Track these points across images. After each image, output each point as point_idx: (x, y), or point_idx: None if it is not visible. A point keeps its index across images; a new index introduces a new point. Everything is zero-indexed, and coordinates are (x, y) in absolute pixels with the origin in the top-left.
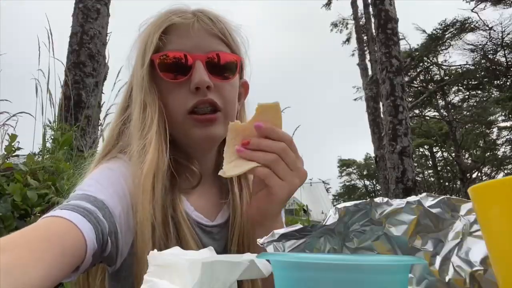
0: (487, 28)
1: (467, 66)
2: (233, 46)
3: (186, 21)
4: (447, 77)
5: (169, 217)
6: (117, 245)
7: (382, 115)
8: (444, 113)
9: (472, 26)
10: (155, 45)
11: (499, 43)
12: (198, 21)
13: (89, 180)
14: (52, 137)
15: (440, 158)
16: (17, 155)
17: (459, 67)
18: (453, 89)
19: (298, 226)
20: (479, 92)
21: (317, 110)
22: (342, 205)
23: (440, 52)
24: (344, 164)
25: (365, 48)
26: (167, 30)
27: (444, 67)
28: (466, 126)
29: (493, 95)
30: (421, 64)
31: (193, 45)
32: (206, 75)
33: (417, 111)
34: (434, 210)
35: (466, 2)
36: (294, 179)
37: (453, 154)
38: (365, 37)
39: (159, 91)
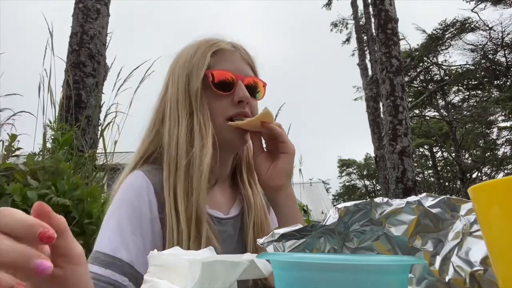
0: (487, 28)
1: (467, 66)
2: (257, 73)
3: (231, 48)
4: (447, 77)
5: (194, 214)
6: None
7: (382, 115)
8: (444, 113)
9: (472, 26)
10: (207, 63)
11: (499, 43)
12: (238, 50)
13: (105, 230)
14: (52, 137)
15: (440, 158)
16: (17, 155)
17: (459, 67)
18: (453, 89)
19: (298, 226)
20: (479, 92)
21: (317, 110)
22: (342, 205)
23: (440, 52)
24: (344, 164)
25: (365, 48)
26: (215, 53)
27: (444, 67)
28: (466, 126)
29: (493, 95)
30: (421, 64)
31: (235, 68)
32: (247, 92)
33: (417, 111)
34: (434, 210)
35: (466, 2)
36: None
37: (453, 154)
38: (365, 37)
39: (205, 99)
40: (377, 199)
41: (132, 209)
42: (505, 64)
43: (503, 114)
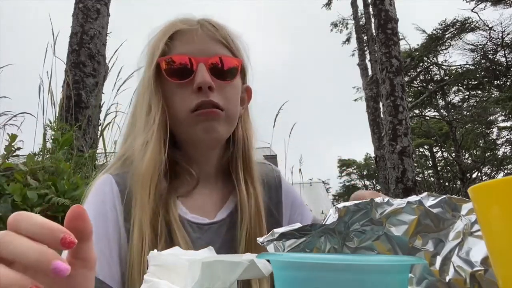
0: (487, 28)
1: (467, 66)
2: (235, 51)
3: (191, 27)
4: (447, 77)
5: (161, 219)
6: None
7: (382, 115)
8: (444, 113)
9: (472, 26)
10: (161, 49)
11: (499, 43)
12: (202, 28)
13: None
14: (52, 137)
15: (440, 158)
16: (17, 155)
17: (459, 67)
18: (453, 89)
19: (298, 225)
20: (479, 92)
21: (317, 110)
22: (342, 204)
23: (440, 52)
24: (344, 164)
25: (365, 48)
26: (173, 36)
27: (444, 67)
28: (466, 126)
29: (493, 95)
30: (421, 64)
31: (197, 50)
32: (208, 76)
33: (417, 111)
34: (434, 210)
35: (466, 2)
36: None
37: (453, 154)
38: (365, 37)
39: (164, 93)
40: (378, 199)
41: (98, 214)
42: (505, 64)
43: (503, 114)
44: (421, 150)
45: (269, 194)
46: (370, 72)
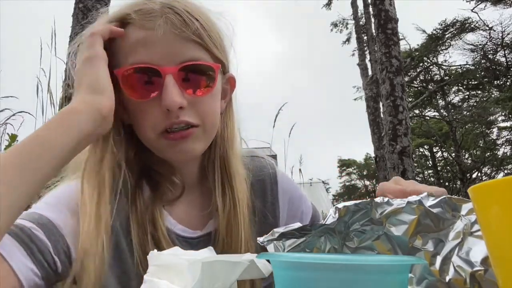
0: (487, 28)
1: (467, 66)
2: (212, 47)
3: (151, 22)
4: (447, 77)
5: (149, 235)
6: (71, 262)
7: (382, 115)
8: (444, 113)
9: (472, 26)
10: (104, 53)
11: (499, 43)
12: (166, 22)
13: (37, 204)
14: None
15: (440, 158)
16: None
17: (459, 67)
18: (453, 89)
19: (298, 225)
20: (479, 92)
21: (317, 109)
22: (342, 204)
23: (440, 52)
24: (344, 164)
25: (365, 48)
26: (126, 32)
27: (444, 67)
28: (466, 126)
29: (493, 95)
30: (421, 64)
31: (162, 55)
32: (178, 93)
33: (417, 111)
34: (434, 210)
35: (466, 2)
36: None
37: (453, 154)
38: (365, 37)
39: (127, 109)
40: (378, 199)
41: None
42: (505, 64)
43: (503, 114)
44: (421, 150)
45: (261, 193)
46: (370, 72)
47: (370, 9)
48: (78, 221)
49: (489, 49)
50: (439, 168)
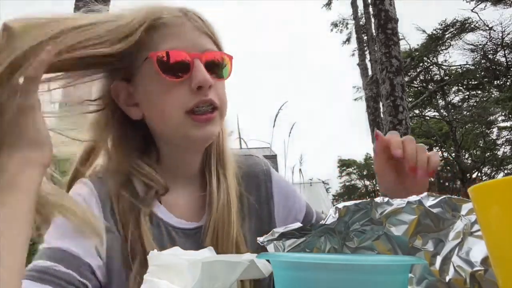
0: (487, 28)
1: (467, 66)
2: (220, 44)
3: (178, 19)
4: (447, 77)
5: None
6: (105, 275)
7: (382, 115)
8: (444, 113)
9: (472, 26)
10: (145, 41)
11: (499, 43)
12: (189, 20)
13: (47, 236)
14: None
15: (440, 158)
16: None
17: (459, 67)
18: (453, 89)
19: (298, 225)
20: (479, 92)
21: (317, 110)
22: (342, 204)
23: (440, 52)
24: (344, 164)
25: (365, 48)
26: (155, 27)
27: (444, 67)
28: (466, 126)
29: (493, 95)
30: (421, 64)
31: (189, 44)
32: (207, 74)
33: (417, 111)
34: (434, 210)
35: (466, 2)
36: None
37: (453, 154)
38: (365, 37)
39: (147, 91)
40: (378, 199)
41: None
42: (505, 64)
43: (503, 114)
44: None
45: (256, 187)
46: (370, 72)
47: (370, 9)
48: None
49: (489, 49)
50: (439, 168)
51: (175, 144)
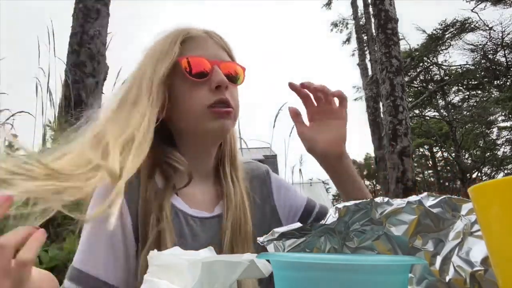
0: (487, 28)
1: (467, 66)
2: (234, 58)
3: (202, 35)
4: (447, 77)
5: (153, 217)
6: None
7: (382, 115)
8: (444, 113)
9: (472, 26)
10: (178, 49)
11: (499, 43)
12: (210, 37)
13: (76, 256)
14: (52, 137)
15: (440, 158)
16: None
17: (459, 67)
18: (453, 89)
19: (298, 224)
20: (479, 92)
21: None
22: (342, 204)
23: (440, 52)
24: None
25: (365, 48)
26: (185, 41)
27: (444, 67)
28: (466, 126)
29: (493, 95)
30: (421, 64)
31: (210, 54)
32: (224, 76)
33: (417, 111)
34: (434, 210)
35: (466, 2)
36: None
37: (453, 154)
38: (365, 37)
39: (174, 90)
40: (378, 199)
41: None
42: (505, 64)
43: (503, 114)
44: (421, 150)
45: (259, 187)
46: (370, 72)
47: (370, 9)
48: (110, 249)
49: (489, 49)
50: (439, 168)
51: (195, 138)
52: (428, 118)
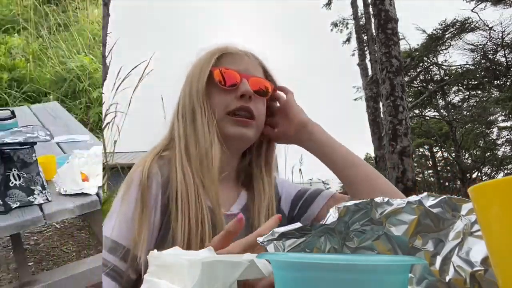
0: (487, 28)
1: (467, 66)
2: (271, 77)
3: (239, 52)
4: (447, 77)
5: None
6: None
7: (382, 115)
8: (444, 113)
9: (472, 26)
10: (213, 62)
11: (499, 43)
12: (247, 55)
13: (110, 218)
14: None
15: (440, 158)
16: None
17: (459, 67)
18: (453, 89)
19: (298, 224)
20: (479, 92)
21: (317, 110)
22: (342, 204)
23: (440, 52)
24: None
25: (365, 48)
26: (223, 56)
27: (444, 67)
28: (466, 126)
29: (493, 95)
30: (421, 64)
31: (242, 69)
32: (250, 87)
33: (417, 111)
34: (435, 210)
35: (466, 2)
36: None
37: (453, 154)
38: (365, 37)
39: (209, 95)
40: (378, 199)
41: (140, 189)
42: (505, 64)
43: (503, 114)
44: (421, 150)
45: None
46: (370, 72)
47: (370, 9)
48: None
49: (489, 49)
50: (439, 168)
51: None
52: (428, 118)
